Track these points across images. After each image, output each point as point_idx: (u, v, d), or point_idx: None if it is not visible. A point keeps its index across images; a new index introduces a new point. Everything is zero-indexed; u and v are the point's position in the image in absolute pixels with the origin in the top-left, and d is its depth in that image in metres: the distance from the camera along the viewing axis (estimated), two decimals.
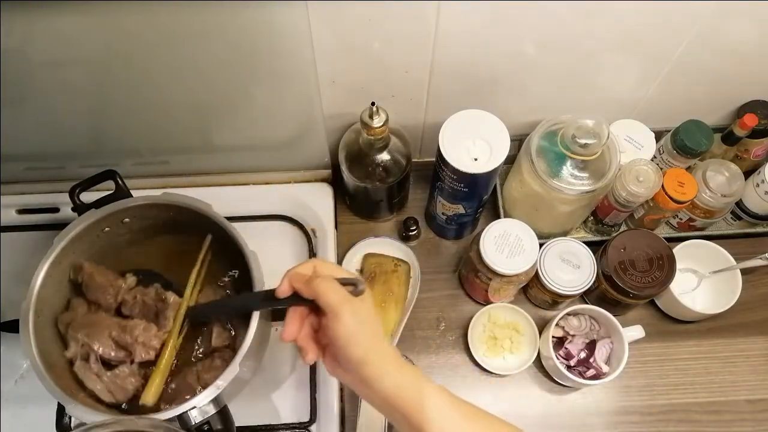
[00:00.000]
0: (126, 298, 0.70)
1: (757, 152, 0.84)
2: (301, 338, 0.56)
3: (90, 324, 0.68)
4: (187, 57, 0.64)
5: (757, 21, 0.67)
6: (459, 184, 0.74)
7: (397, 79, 0.73)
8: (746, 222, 0.88)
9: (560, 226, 0.85)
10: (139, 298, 0.70)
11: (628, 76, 0.76)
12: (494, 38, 0.67)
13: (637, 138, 0.81)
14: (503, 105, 0.75)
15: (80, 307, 0.70)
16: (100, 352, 0.66)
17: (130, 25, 0.58)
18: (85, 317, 0.69)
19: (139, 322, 0.68)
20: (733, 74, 0.77)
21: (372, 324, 0.54)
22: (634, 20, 0.66)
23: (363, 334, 0.52)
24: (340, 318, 0.51)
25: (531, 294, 0.85)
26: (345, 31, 0.65)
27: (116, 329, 0.67)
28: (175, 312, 0.69)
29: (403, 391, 0.52)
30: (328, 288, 0.52)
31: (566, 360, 0.80)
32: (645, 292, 0.76)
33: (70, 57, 0.62)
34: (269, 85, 0.70)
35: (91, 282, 0.70)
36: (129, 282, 0.72)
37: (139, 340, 0.67)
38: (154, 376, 0.68)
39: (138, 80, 0.67)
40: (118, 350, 0.67)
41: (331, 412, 0.76)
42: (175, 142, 0.81)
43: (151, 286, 0.71)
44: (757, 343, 0.84)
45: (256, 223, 0.87)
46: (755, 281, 0.86)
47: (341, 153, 0.79)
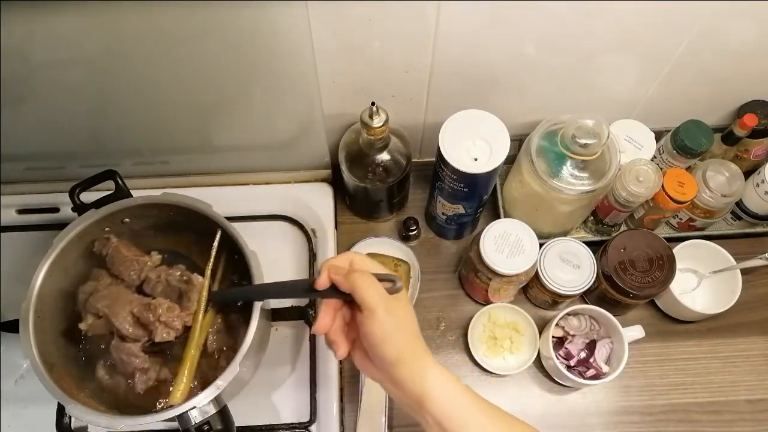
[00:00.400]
0: (150, 276, 0.69)
1: (757, 152, 0.84)
2: (333, 331, 0.55)
3: (112, 297, 0.67)
4: (187, 57, 0.64)
5: (757, 21, 0.67)
6: (459, 184, 0.74)
7: (397, 79, 0.73)
8: (746, 222, 0.88)
9: (560, 226, 0.85)
10: (163, 277, 0.69)
11: (628, 76, 0.76)
12: (494, 38, 0.67)
13: (637, 138, 0.81)
14: (503, 105, 0.75)
15: (103, 279, 0.70)
16: (117, 326, 0.65)
17: (130, 25, 0.58)
18: (107, 289, 0.68)
19: (163, 301, 0.66)
20: (733, 74, 0.77)
21: (408, 324, 0.54)
22: (634, 20, 0.66)
23: (398, 334, 0.52)
24: (376, 316, 0.50)
25: (531, 294, 0.85)
26: (345, 31, 0.65)
27: (138, 306, 0.66)
28: (200, 294, 0.67)
29: (435, 396, 0.51)
30: (366, 284, 0.51)
31: (566, 360, 0.80)
32: (645, 292, 0.76)
33: (70, 57, 0.62)
34: (269, 85, 0.70)
35: (117, 255, 0.69)
36: (154, 259, 0.71)
37: (161, 319, 0.65)
38: (180, 375, 0.66)
39: (138, 80, 0.67)
40: (136, 327, 0.66)
41: (331, 412, 0.76)
42: (175, 142, 0.81)
43: (176, 266, 0.71)
44: (757, 343, 0.84)
45: (256, 223, 0.87)
46: (755, 281, 0.87)
47: (341, 153, 0.79)
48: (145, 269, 0.69)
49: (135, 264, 0.69)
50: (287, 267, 0.86)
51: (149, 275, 0.69)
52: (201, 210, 0.70)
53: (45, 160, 0.83)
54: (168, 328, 0.65)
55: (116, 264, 0.70)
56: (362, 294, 0.51)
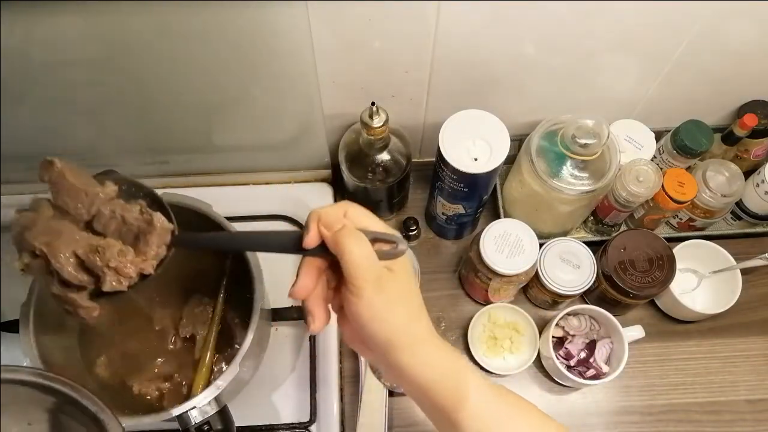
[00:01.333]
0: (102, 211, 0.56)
1: (757, 152, 0.84)
2: (312, 297, 0.45)
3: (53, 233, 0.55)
4: (186, 57, 0.64)
5: (757, 21, 0.67)
6: (459, 184, 0.74)
7: (397, 79, 0.73)
8: (746, 222, 0.88)
9: (560, 226, 0.85)
10: (118, 213, 0.56)
11: (628, 76, 0.76)
12: (494, 38, 0.67)
13: (637, 138, 0.81)
14: (503, 105, 0.75)
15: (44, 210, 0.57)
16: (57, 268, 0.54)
17: (130, 25, 0.58)
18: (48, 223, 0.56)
19: (114, 243, 0.55)
20: (733, 74, 0.77)
21: (405, 301, 0.45)
22: (634, 20, 0.65)
23: (391, 314, 0.43)
24: (361, 294, 0.42)
25: (531, 294, 0.85)
26: (345, 31, 0.65)
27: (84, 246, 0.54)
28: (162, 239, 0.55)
29: (438, 382, 0.45)
30: (353, 248, 0.42)
31: (566, 360, 0.80)
32: (645, 292, 0.76)
33: (70, 57, 0.62)
34: (269, 85, 0.70)
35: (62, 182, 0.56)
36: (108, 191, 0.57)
37: (111, 265, 0.53)
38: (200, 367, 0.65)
39: (138, 80, 0.67)
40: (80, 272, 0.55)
41: (331, 412, 0.76)
42: (175, 142, 0.81)
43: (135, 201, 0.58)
44: (757, 343, 0.84)
45: (256, 223, 0.87)
46: (755, 281, 0.86)
47: (341, 153, 0.79)
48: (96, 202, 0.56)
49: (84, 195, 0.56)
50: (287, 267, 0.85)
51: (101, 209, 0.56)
52: (201, 210, 0.70)
53: None
54: (119, 276, 0.54)
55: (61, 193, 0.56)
56: (347, 261, 0.42)
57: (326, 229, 0.43)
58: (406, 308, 0.45)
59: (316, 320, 0.45)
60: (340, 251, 0.42)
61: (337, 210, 0.45)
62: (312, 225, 0.44)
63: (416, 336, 0.45)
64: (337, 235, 0.42)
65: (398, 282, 0.44)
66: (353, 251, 0.42)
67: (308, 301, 0.45)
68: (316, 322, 0.45)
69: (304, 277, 0.45)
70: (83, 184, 0.56)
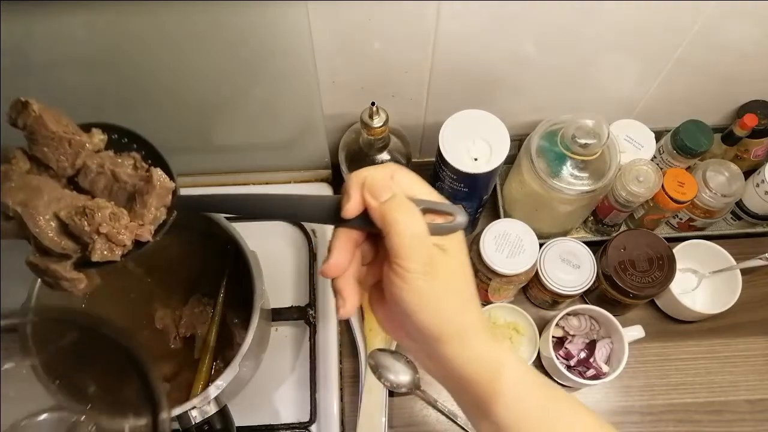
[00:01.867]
0: (88, 164, 0.47)
1: (757, 152, 0.84)
2: (344, 276, 0.39)
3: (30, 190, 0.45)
4: (186, 57, 0.64)
5: (757, 21, 0.67)
6: (459, 184, 0.74)
7: (397, 79, 0.73)
8: (746, 222, 0.88)
9: (560, 226, 0.85)
10: (107, 167, 0.47)
11: (628, 76, 0.76)
12: (494, 38, 0.67)
13: (637, 138, 0.81)
14: (503, 105, 0.75)
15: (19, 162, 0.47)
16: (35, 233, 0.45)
17: (130, 25, 0.58)
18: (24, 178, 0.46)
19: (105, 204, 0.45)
20: (733, 74, 0.77)
21: (459, 289, 0.39)
22: (634, 20, 0.66)
23: (442, 304, 0.37)
24: (410, 278, 0.36)
25: (531, 294, 0.85)
26: (345, 31, 0.65)
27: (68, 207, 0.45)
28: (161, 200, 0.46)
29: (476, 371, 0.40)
30: (405, 224, 0.36)
31: (566, 360, 0.80)
32: (645, 292, 0.76)
33: (70, 57, 0.62)
34: (269, 85, 0.70)
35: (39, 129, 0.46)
36: (96, 140, 0.48)
37: (102, 230, 0.44)
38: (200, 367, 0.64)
39: (138, 80, 0.67)
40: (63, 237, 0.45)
41: (331, 412, 0.76)
42: (175, 142, 0.81)
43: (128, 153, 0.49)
44: (757, 343, 0.84)
45: (256, 223, 0.86)
46: (755, 281, 0.86)
47: (341, 153, 0.79)
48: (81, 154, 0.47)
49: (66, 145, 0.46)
50: (287, 267, 0.86)
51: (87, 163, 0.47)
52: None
53: None
54: (110, 243, 0.45)
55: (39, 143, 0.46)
56: (396, 239, 0.36)
57: (372, 198, 0.37)
58: (458, 297, 0.39)
59: (347, 302, 0.39)
60: (389, 227, 0.36)
61: (385, 173, 0.38)
62: (354, 191, 0.37)
63: (467, 328, 0.39)
64: (385, 207, 0.36)
65: (452, 265, 0.38)
66: (404, 228, 0.36)
67: (339, 281, 0.40)
68: (347, 305, 0.39)
69: (338, 253, 0.39)
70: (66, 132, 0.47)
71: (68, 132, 0.47)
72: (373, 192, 0.37)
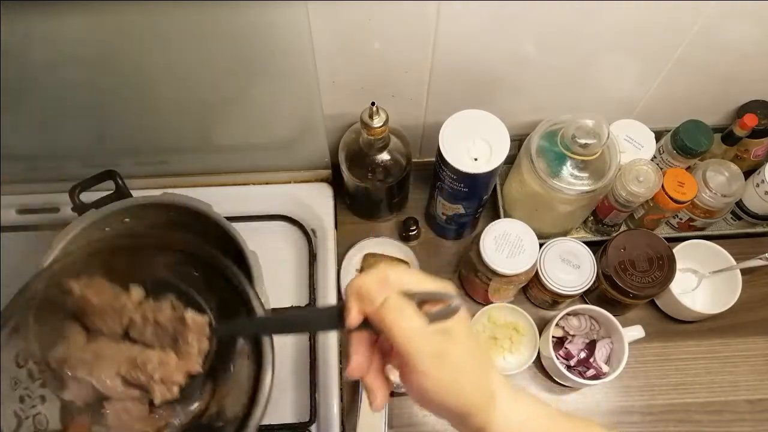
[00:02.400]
0: (134, 319, 0.54)
1: (757, 152, 0.84)
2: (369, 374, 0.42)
3: (91, 358, 0.53)
4: (186, 57, 0.64)
5: (757, 21, 0.67)
6: (459, 184, 0.74)
7: (397, 79, 0.73)
8: (746, 222, 0.88)
9: (560, 226, 0.85)
10: (150, 317, 0.54)
11: (628, 76, 0.76)
12: (494, 38, 0.67)
13: (637, 138, 0.81)
14: (503, 105, 0.75)
15: (77, 337, 0.54)
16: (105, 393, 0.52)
17: (130, 25, 0.58)
18: (84, 350, 0.53)
19: (152, 354, 0.52)
20: (733, 74, 0.77)
21: (472, 365, 0.41)
22: (634, 20, 0.66)
23: (460, 385, 0.39)
24: (421, 371, 0.38)
25: (531, 294, 0.85)
26: (345, 31, 0.65)
27: (125, 363, 0.52)
28: (200, 334, 0.52)
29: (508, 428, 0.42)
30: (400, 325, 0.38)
31: (566, 360, 0.80)
32: (645, 292, 0.76)
33: (70, 57, 0.62)
34: (269, 85, 0.70)
35: (87, 306, 0.54)
36: (135, 296, 0.55)
37: (156, 377, 0.51)
38: None
39: (138, 80, 0.67)
40: (129, 387, 0.53)
41: (331, 412, 0.76)
42: (175, 142, 0.81)
43: (163, 299, 0.55)
44: (757, 343, 0.84)
45: (256, 223, 0.87)
46: (755, 281, 0.86)
47: (341, 153, 0.79)
48: (126, 312, 0.54)
49: (111, 311, 0.54)
50: (287, 267, 0.86)
51: (133, 318, 0.54)
52: (201, 210, 0.70)
53: (45, 160, 0.83)
54: (168, 385, 0.52)
55: (89, 316, 0.54)
56: (396, 340, 0.38)
57: (367, 305, 0.40)
58: (474, 373, 0.41)
59: (377, 397, 0.42)
60: (388, 330, 0.39)
61: (376, 277, 0.41)
62: (352, 303, 0.40)
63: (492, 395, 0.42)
64: (379, 314, 0.39)
65: (459, 345, 0.40)
66: (402, 328, 0.38)
67: (366, 378, 0.42)
68: (377, 400, 0.42)
69: (356, 356, 0.42)
70: (108, 300, 0.54)
71: (111, 299, 0.54)
72: (367, 300, 0.40)
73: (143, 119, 0.75)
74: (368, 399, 0.42)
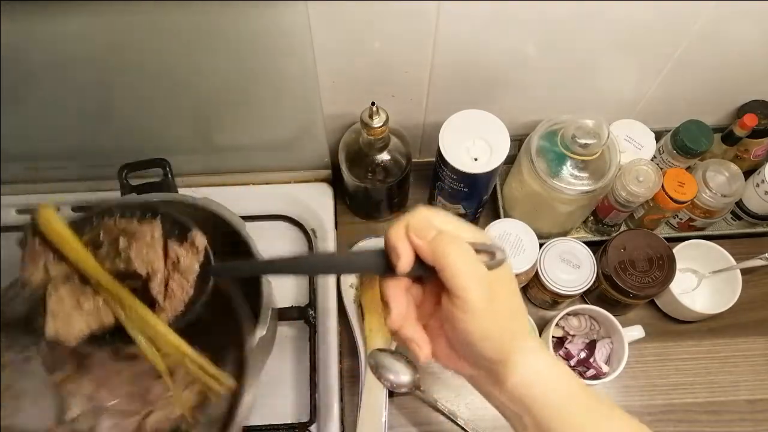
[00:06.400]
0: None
1: (757, 152, 0.84)
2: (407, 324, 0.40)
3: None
4: (186, 57, 0.64)
5: (757, 21, 0.67)
6: (459, 184, 0.74)
7: (397, 79, 0.73)
8: (746, 222, 0.88)
9: (560, 226, 0.85)
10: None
11: (628, 76, 0.76)
12: (494, 38, 0.67)
13: (637, 138, 0.81)
14: (503, 105, 0.75)
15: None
16: None
17: (131, 25, 0.58)
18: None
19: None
20: (733, 74, 0.77)
21: (514, 312, 0.41)
22: (635, 20, 0.66)
23: (503, 329, 0.39)
24: (473, 308, 0.37)
25: (531, 294, 0.85)
26: (345, 31, 0.65)
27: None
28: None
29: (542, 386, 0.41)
30: (460, 257, 0.37)
31: (566, 360, 0.80)
32: (645, 292, 0.76)
33: (70, 57, 0.62)
34: (269, 85, 0.70)
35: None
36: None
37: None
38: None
39: (138, 80, 0.67)
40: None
41: (331, 412, 0.76)
42: (176, 141, 0.81)
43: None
44: (757, 343, 0.84)
45: (256, 223, 0.86)
46: (755, 281, 0.86)
47: (341, 153, 0.79)
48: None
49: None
50: None
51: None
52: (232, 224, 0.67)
53: (45, 160, 0.83)
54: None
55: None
56: (452, 272, 0.36)
57: (418, 239, 0.38)
58: (515, 317, 0.41)
59: (423, 346, 0.41)
60: (442, 261, 0.37)
61: (422, 215, 0.39)
62: (401, 243, 0.38)
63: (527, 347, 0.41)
64: (435, 244, 0.37)
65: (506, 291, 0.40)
66: (458, 260, 0.36)
67: (407, 329, 0.41)
68: (423, 349, 0.41)
69: (396, 303, 0.40)
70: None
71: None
72: (418, 233, 0.38)
73: (143, 119, 0.75)
74: (413, 351, 0.41)
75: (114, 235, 0.45)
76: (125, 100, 0.71)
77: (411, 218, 0.39)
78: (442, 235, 0.38)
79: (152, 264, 0.44)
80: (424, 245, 0.38)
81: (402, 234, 0.38)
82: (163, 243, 0.45)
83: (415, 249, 0.38)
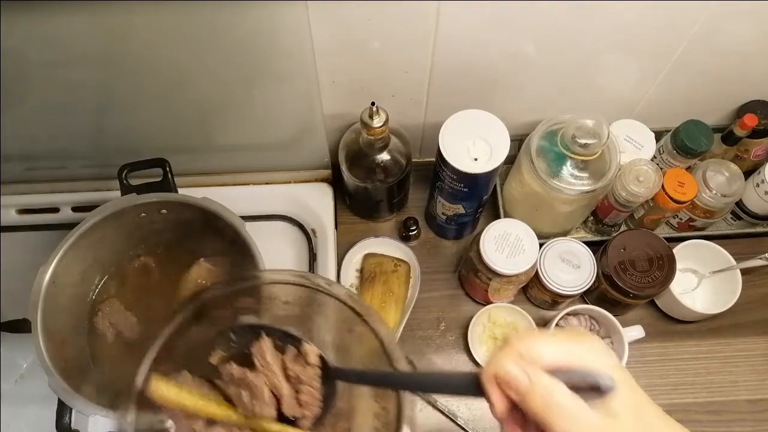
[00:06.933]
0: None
1: (757, 152, 0.84)
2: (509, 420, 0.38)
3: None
4: (187, 57, 0.64)
5: (757, 21, 0.67)
6: (459, 184, 0.74)
7: (397, 79, 0.73)
8: (746, 222, 0.88)
9: (560, 226, 0.85)
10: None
11: (628, 76, 0.76)
12: (494, 38, 0.67)
13: (637, 138, 0.81)
14: (503, 105, 0.75)
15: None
16: None
17: (130, 25, 0.58)
18: None
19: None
20: (733, 74, 0.77)
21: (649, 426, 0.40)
22: (634, 20, 0.66)
23: None
24: None
25: (531, 294, 0.85)
26: (345, 31, 0.65)
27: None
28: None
29: None
30: (554, 416, 0.34)
31: None
32: (645, 292, 0.76)
33: (70, 57, 0.63)
34: (269, 85, 0.70)
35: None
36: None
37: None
38: None
39: (138, 80, 0.67)
40: None
41: None
42: (176, 142, 0.81)
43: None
44: (757, 343, 0.84)
45: (256, 223, 0.86)
46: (755, 281, 0.86)
47: (341, 153, 0.79)
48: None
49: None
50: (287, 267, 0.86)
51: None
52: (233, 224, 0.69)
53: (45, 160, 0.83)
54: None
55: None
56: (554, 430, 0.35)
57: (512, 394, 0.36)
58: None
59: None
60: (541, 422, 0.35)
61: (511, 359, 0.36)
62: (493, 392, 0.36)
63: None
64: (529, 406, 0.35)
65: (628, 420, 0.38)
66: (556, 419, 0.34)
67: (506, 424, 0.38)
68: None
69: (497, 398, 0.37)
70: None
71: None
72: (509, 387, 0.36)
73: (143, 119, 0.75)
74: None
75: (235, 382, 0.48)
76: (125, 101, 0.71)
77: (498, 367, 0.36)
78: (535, 392, 0.35)
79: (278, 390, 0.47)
80: (519, 402, 0.36)
81: (491, 381, 0.36)
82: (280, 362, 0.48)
83: (511, 401, 0.36)
